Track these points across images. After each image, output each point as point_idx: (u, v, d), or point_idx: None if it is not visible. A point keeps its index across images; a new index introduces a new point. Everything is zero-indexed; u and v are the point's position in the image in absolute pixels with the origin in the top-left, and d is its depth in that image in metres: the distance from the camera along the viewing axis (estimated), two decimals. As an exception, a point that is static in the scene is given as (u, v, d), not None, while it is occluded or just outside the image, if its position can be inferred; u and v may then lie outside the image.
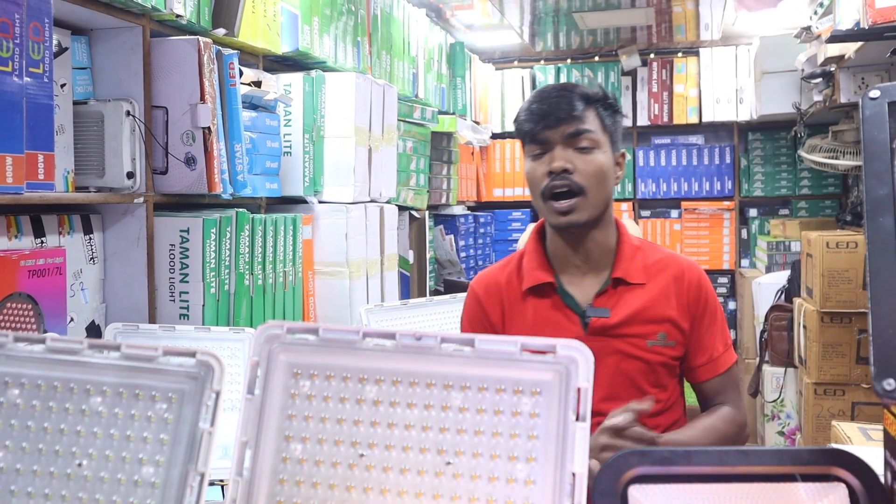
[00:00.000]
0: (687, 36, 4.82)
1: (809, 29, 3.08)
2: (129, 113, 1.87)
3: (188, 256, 1.97)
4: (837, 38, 2.51)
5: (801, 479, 0.75)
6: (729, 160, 5.06)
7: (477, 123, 4.72)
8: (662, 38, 4.88)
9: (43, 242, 1.73)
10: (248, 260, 2.13)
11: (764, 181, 4.98)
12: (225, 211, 2.08)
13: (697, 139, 5.22)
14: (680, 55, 5.09)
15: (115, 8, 1.83)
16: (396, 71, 3.39)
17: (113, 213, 1.94)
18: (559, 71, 5.24)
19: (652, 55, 5.13)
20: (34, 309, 1.61)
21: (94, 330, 1.88)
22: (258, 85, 2.28)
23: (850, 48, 2.79)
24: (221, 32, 2.11)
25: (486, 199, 5.25)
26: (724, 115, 4.95)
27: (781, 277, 3.66)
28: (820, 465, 0.75)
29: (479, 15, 4.30)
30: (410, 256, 3.43)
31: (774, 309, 3.39)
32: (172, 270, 1.97)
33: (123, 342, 0.81)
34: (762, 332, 3.47)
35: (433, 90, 3.93)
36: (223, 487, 1.60)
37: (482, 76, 4.91)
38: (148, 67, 1.93)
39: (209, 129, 1.96)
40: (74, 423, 0.79)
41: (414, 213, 3.51)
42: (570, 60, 5.30)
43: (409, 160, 3.38)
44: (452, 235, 4.20)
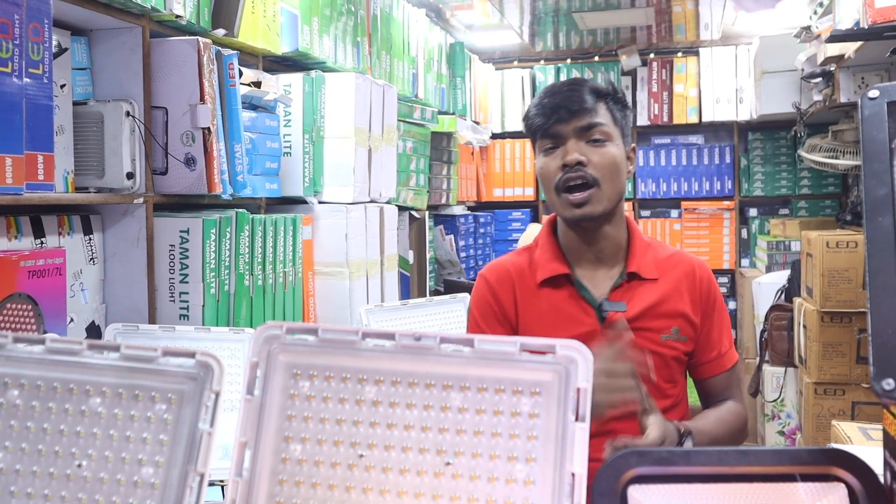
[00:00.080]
0: (687, 36, 4.82)
1: (809, 29, 3.08)
2: (128, 113, 1.87)
3: (188, 257, 1.97)
4: (837, 37, 2.51)
5: (800, 479, 0.75)
6: (729, 160, 5.06)
7: (477, 123, 4.72)
8: (662, 38, 4.88)
9: (43, 243, 1.73)
10: (247, 260, 2.13)
11: (764, 181, 4.98)
12: (225, 211, 2.08)
13: (697, 139, 5.22)
14: (680, 55, 5.09)
15: (114, 8, 1.83)
16: (396, 71, 3.39)
17: (113, 213, 1.94)
18: (559, 71, 5.24)
19: (652, 55, 5.13)
20: (34, 309, 1.61)
21: (94, 330, 1.88)
22: (258, 85, 2.28)
23: (849, 48, 2.79)
24: (221, 33, 2.11)
25: (485, 199, 5.25)
26: (723, 114, 4.95)
27: (781, 277, 3.66)
28: (819, 465, 0.75)
29: (478, 15, 4.30)
30: (410, 257, 3.43)
31: (774, 308, 3.39)
32: (172, 271, 1.97)
33: (123, 343, 0.81)
34: (762, 331, 3.47)
35: (433, 90, 3.93)
36: (223, 488, 1.60)
37: (482, 76, 4.90)
38: (147, 68, 1.93)
39: (209, 129, 1.96)
40: (74, 423, 0.79)
41: (414, 213, 3.51)
42: (570, 60, 5.30)
43: (408, 160, 3.38)
44: (452, 235, 4.20)
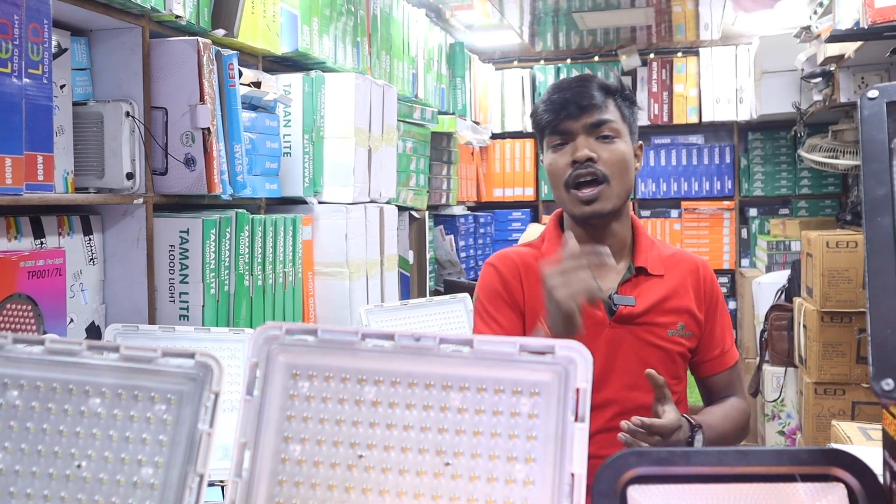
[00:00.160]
0: (687, 36, 4.81)
1: (809, 28, 3.08)
2: (128, 114, 1.87)
3: (188, 257, 1.97)
4: (837, 37, 2.51)
5: (800, 479, 0.75)
6: (729, 160, 5.06)
7: (477, 123, 4.72)
8: (662, 37, 4.88)
9: (42, 243, 1.73)
10: (247, 260, 2.13)
11: (764, 181, 4.98)
12: (224, 212, 2.08)
13: (697, 139, 5.22)
14: (680, 55, 5.09)
15: (114, 9, 1.83)
16: (396, 71, 3.39)
17: (112, 213, 1.94)
18: (559, 71, 5.24)
19: (652, 55, 5.13)
20: (34, 310, 1.61)
21: (93, 331, 1.88)
22: (258, 85, 2.28)
23: (849, 48, 2.79)
24: (221, 33, 2.11)
25: (485, 199, 5.25)
26: (723, 114, 4.94)
27: (781, 277, 3.66)
28: (819, 465, 0.75)
29: (478, 15, 4.30)
30: (410, 257, 3.43)
31: (774, 308, 3.39)
32: (172, 271, 1.97)
33: (122, 343, 0.81)
34: (762, 331, 3.47)
35: (433, 90, 3.93)
36: (223, 488, 1.60)
37: (482, 76, 4.90)
38: (147, 68, 1.93)
39: (209, 129, 1.96)
40: (73, 424, 0.78)
41: (414, 213, 3.51)
42: (569, 60, 5.29)
43: (408, 160, 3.38)
44: (452, 235, 4.20)
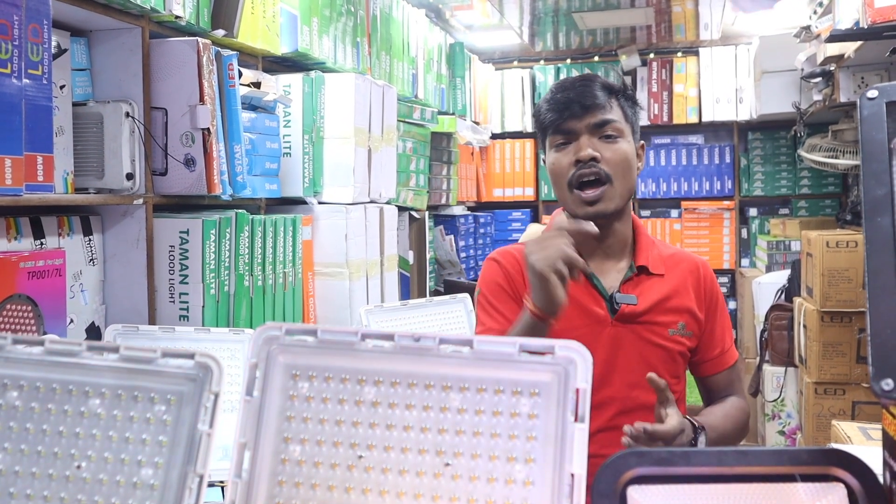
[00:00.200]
0: (686, 36, 4.81)
1: (809, 28, 3.08)
2: (128, 114, 1.87)
3: (188, 258, 1.97)
4: (837, 37, 2.50)
5: (800, 479, 0.75)
6: (729, 160, 5.06)
7: (477, 124, 4.72)
8: (662, 37, 4.88)
9: (42, 244, 1.73)
10: (247, 261, 2.13)
11: (764, 181, 4.98)
12: (224, 212, 2.08)
13: (697, 139, 5.22)
14: (679, 55, 5.09)
15: (114, 9, 1.83)
16: (396, 71, 3.39)
17: (112, 214, 1.94)
18: (559, 71, 5.24)
19: (651, 55, 5.13)
20: (34, 311, 1.61)
21: (94, 331, 1.88)
22: (257, 86, 2.28)
23: (849, 47, 2.79)
24: (221, 33, 2.11)
25: (485, 199, 5.25)
26: (723, 114, 4.94)
27: (781, 277, 3.66)
28: (819, 465, 0.75)
29: (478, 15, 4.30)
30: (410, 257, 3.43)
31: (775, 308, 3.39)
32: (172, 272, 1.97)
33: (122, 344, 0.81)
34: (762, 331, 3.47)
35: (433, 90, 3.93)
36: (223, 489, 1.60)
37: (482, 76, 4.90)
38: (147, 69, 1.93)
39: (208, 130, 1.96)
40: (73, 425, 0.78)
41: (414, 213, 3.51)
42: (569, 60, 5.29)
43: (408, 161, 3.38)
44: (452, 236, 4.20)
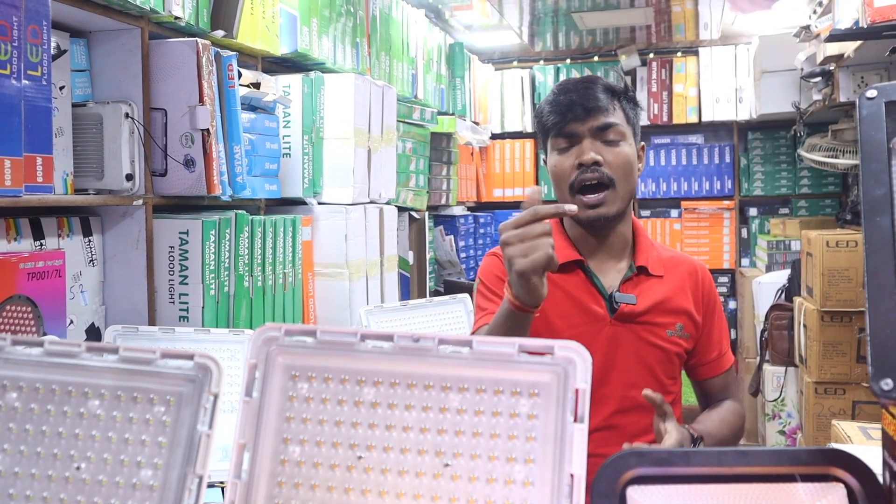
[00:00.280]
0: (686, 35, 4.81)
1: (808, 28, 3.08)
2: (127, 115, 1.87)
3: (187, 258, 1.97)
4: (836, 37, 2.50)
5: (800, 479, 0.75)
6: (728, 159, 5.06)
7: (476, 124, 4.72)
8: (662, 37, 4.88)
9: (42, 245, 1.73)
10: (247, 261, 2.13)
11: (764, 180, 4.98)
12: (224, 213, 2.08)
13: (697, 139, 5.22)
14: (679, 55, 5.09)
15: (113, 10, 1.83)
16: (395, 72, 3.39)
17: (112, 215, 1.94)
18: (559, 71, 5.23)
19: (651, 55, 5.13)
20: (34, 311, 1.61)
21: (93, 332, 1.88)
22: (257, 86, 2.28)
23: (849, 47, 2.79)
24: (220, 34, 2.11)
25: (485, 199, 5.24)
26: (723, 114, 4.94)
27: (781, 276, 3.65)
28: (818, 465, 0.75)
29: (478, 15, 4.30)
30: (410, 257, 3.43)
31: (775, 308, 3.39)
32: (172, 272, 1.97)
33: (121, 345, 0.81)
34: (762, 331, 3.47)
35: (432, 91, 3.93)
36: (222, 489, 1.60)
37: (481, 76, 4.90)
38: (147, 69, 1.93)
39: (208, 130, 1.96)
40: (72, 426, 0.78)
41: (414, 213, 3.51)
42: (569, 60, 5.29)
43: (408, 161, 3.38)
44: (452, 236, 4.20)
